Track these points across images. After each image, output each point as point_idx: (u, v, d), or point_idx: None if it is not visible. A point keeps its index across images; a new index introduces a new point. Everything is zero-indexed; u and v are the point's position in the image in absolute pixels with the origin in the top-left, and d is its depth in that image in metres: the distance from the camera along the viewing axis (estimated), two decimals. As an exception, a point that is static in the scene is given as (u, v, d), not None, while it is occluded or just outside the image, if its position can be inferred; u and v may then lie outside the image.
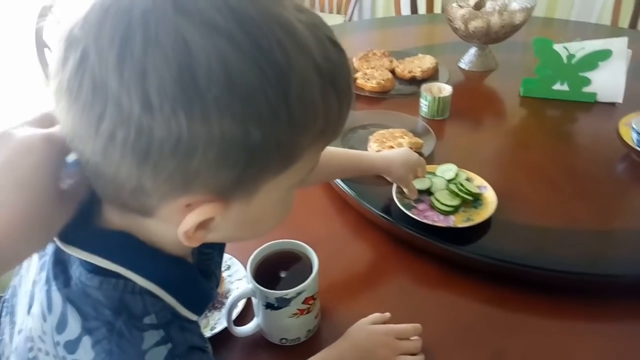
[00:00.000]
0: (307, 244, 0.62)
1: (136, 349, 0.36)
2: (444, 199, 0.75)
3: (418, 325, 0.61)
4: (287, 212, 0.43)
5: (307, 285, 0.57)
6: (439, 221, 0.73)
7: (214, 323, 0.64)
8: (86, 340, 0.36)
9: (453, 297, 0.68)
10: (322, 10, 2.80)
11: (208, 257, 0.49)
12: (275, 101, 0.31)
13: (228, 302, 0.59)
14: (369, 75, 1.14)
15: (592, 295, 0.67)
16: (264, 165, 0.33)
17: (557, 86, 1.07)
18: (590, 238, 0.74)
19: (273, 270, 0.61)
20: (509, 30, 1.13)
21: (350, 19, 2.62)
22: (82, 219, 0.38)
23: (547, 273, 0.67)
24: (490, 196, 0.76)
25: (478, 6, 1.20)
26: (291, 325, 0.60)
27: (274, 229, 0.44)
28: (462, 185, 0.76)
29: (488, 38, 1.15)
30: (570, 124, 1.05)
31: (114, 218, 0.38)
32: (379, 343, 0.60)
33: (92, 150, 0.31)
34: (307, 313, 0.60)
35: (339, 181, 0.83)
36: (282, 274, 0.61)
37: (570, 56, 1.03)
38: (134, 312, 0.37)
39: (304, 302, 0.59)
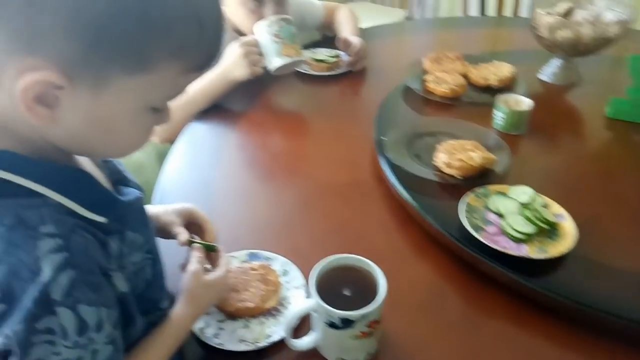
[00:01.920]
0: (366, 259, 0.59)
1: (31, 256, 0.39)
2: (517, 224, 0.70)
3: None
4: (143, 137, 0.47)
5: (375, 309, 0.55)
6: (510, 248, 0.69)
7: (270, 331, 0.63)
8: None
9: (525, 335, 0.63)
10: (383, 3, 2.73)
11: (111, 164, 0.55)
12: None
13: (290, 316, 0.58)
14: (441, 79, 1.08)
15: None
16: (111, 54, 0.37)
17: (650, 110, 0.99)
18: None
19: (336, 286, 0.59)
20: (601, 43, 1.05)
21: (412, 13, 2.53)
22: None
23: (633, 325, 0.61)
24: (568, 227, 0.71)
25: (567, 14, 1.12)
26: (351, 347, 0.58)
27: (128, 152, 0.48)
28: (538, 211, 0.70)
29: (575, 50, 1.07)
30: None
31: None
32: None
33: None
34: (369, 336, 0.58)
35: (402, 191, 0.80)
36: (346, 291, 0.59)
37: (670, 78, 0.94)
38: (29, 223, 0.40)
39: (368, 325, 0.56)
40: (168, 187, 0.88)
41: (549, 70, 1.17)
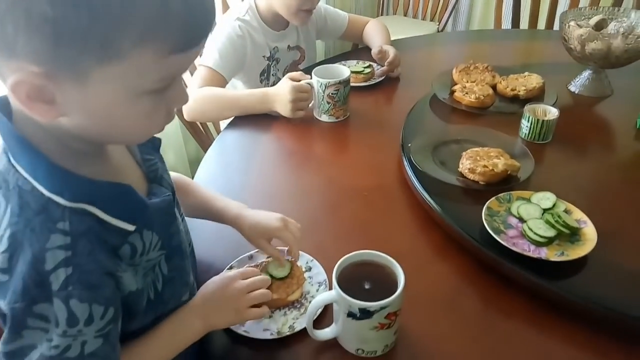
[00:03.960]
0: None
1: (40, 245, 0.43)
2: (538, 228, 0.71)
3: (267, 278, 0.66)
4: (151, 121, 0.48)
5: (393, 300, 0.57)
6: (530, 251, 0.70)
7: (293, 322, 0.66)
8: (6, 232, 0.44)
9: (542, 336, 0.64)
10: (415, 17, 2.76)
11: (151, 162, 0.59)
12: None
13: (311, 305, 0.61)
14: (468, 89, 1.10)
15: None
16: (76, 46, 0.38)
17: (681, 122, 0.98)
18: None
19: (357, 280, 0.62)
20: (633, 55, 1.04)
21: (443, 29, 2.55)
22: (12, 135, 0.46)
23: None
24: (590, 232, 0.71)
25: (599, 26, 1.12)
26: (370, 337, 0.61)
27: (144, 137, 0.52)
28: (559, 216, 0.71)
29: (606, 62, 1.07)
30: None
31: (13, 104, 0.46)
32: (228, 285, 0.63)
33: None
34: (387, 328, 0.60)
35: (425, 195, 0.82)
36: (366, 285, 0.61)
37: (701, 90, 0.93)
38: (52, 215, 0.44)
39: (386, 317, 0.58)
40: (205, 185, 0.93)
41: (579, 82, 1.17)
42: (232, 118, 1.15)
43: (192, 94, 1.10)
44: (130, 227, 0.49)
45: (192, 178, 0.95)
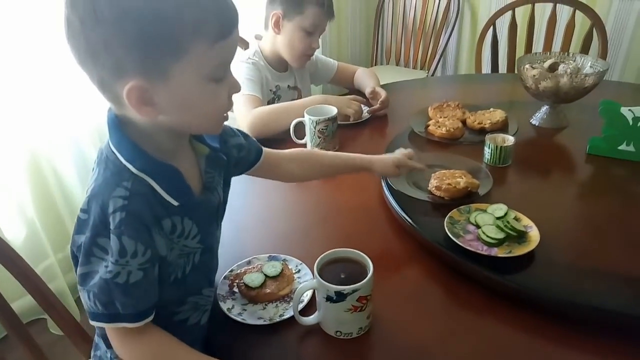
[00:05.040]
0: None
1: (108, 194, 0.59)
2: (490, 232, 0.84)
3: None
4: (219, 104, 0.63)
5: (362, 285, 0.70)
6: (482, 250, 0.83)
7: (283, 311, 0.78)
8: (92, 185, 0.62)
9: (492, 321, 0.76)
10: (407, 65, 2.98)
11: (211, 176, 0.73)
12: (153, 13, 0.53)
13: (297, 291, 0.73)
14: (440, 123, 1.26)
15: (631, 336, 0.72)
16: (157, 51, 0.55)
17: (623, 146, 1.12)
18: (629, 282, 0.79)
19: (335, 271, 0.74)
20: (579, 92, 1.21)
21: (433, 74, 2.77)
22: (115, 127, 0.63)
23: (579, 308, 0.74)
24: (534, 235, 0.84)
25: (552, 68, 1.29)
26: (345, 320, 0.73)
27: (213, 121, 0.66)
28: (508, 222, 0.85)
29: (557, 98, 1.24)
30: (632, 182, 1.09)
31: (120, 115, 0.63)
32: None
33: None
34: (360, 311, 0.72)
35: (398, 209, 0.96)
36: (342, 275, 0.74)
37: (636, 119, 1.08)
38: (121, 176, 0.61)
39: (357, 300, 0.71)
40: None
41: (539, 116, 1.33)
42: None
43: (248, 116, 1.32)
44: (175, 202, 0.64)
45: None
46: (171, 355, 0.66)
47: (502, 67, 2.34)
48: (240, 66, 1.43)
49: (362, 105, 1.47)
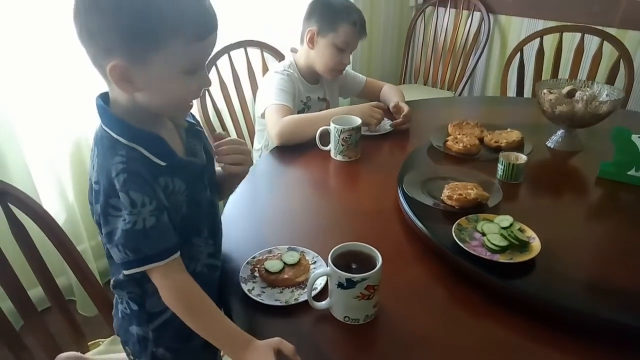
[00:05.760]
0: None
1: (108, 162, 0.72)
2: (494, 240, 0.90)
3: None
4: (189, 94, 0.77)
5: (370, 275, 0.78)
6: (486, 255, 0.89)
7: (298, 296, 0.86)
8: (96, 161, 0.75)
9: (490, 321, 0.82)
10: (434, 85, 3.05)
11: (192, 144, 0.85)
12: (136, 11, 0.66)
13: (312, 276, 0.82)
14: (458, 139, 1.34)
15: (622, 343, 0.77)
16: (143, 41, 0.67)
17: (632, 172, 1.17)
18: (625, 294, 0.84)
19: (347, 262, 0.82)
20: (593, 117, 1.26)
21: (460, 95, 2.83)
22: (104, 110, 0.76)
23: (573, 314, 0.80)
24: (536, 246, 0.90)
25: (570, 94, 1.35)
26: (354, 306, 0.80)
27: (181, 107, 0.80)
28: (512, 231, 0.91)
29: (572, 122, 1.29)
30: (639, 206, 1.14)
31: (110, 93, 0.77)
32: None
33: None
34: (367, 299, 0.79)
35: (411, 214, 1.03)
36: (354, 266, 0.82)
37: (646, 146, 1.13)
38: (116, 148, 0.73)
39: (366, 288, 0.78)
40: (237, 200, 1.17)
41: (555, 139, 1.38)
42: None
43: (277, 124, 1.42)
44: (162, 163, 0.75)
45: (226, 200, 1.19)
46: (198, 295, 0.77)
47: (528, 92, 2.39)
48: (275, 76, 1.54)
49: (385, 119, 1.55)
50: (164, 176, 0.76)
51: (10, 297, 1.05)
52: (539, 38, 2.15)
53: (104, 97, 0.78)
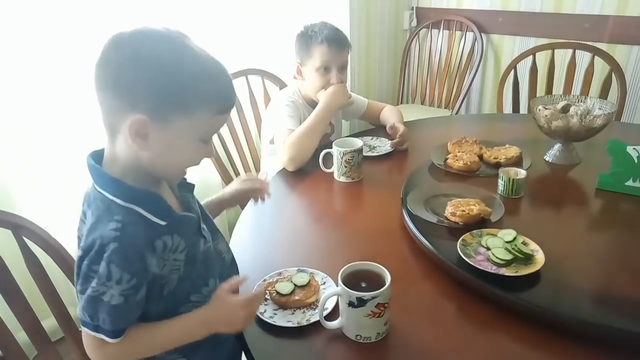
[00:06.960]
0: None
1: (103, 228, 0.69)
2: (499, 254, 0.93)
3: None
4: (195, 160, 0.77)
5: (380, 292, 0.79)
6: (491, 269, 0.91)
7: (310, 316, 0.88)
8: (89, 217, 0.72)
9: (498, 333, 0.84)
10: (431, 104, 3.11)
11: (186, 197, 0.85)
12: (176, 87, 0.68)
13: (323, 297, 0.83)
14: (458, 157, 1.37)
15: (628, 351, 0.78)
16: (170, 104, 0.68)
17: (630, 182, 1.19)
18: (629, 303, 0.86)
19: (356, 281, 0.84)
20: (588, 131, 1.30)
21: (457, 113, 2.88)
22: (96, 171, 0.73)
23: (579, 323, 0.81)
24: (540, 258, 0.92)
25: (565, 109, 1.39)
26: (365, 324, 0.82)
27: (183, 169, 0.79)
28: (516, 245, 0.93)
29: (568, 136, 1.33)
30: (638, 216, 1.16)
31: (107, 150, 0.75)
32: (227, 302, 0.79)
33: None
34: (378, 317, 0.81)
35: (416, 232, 1.05)
36: (363, 284, 0.84)
37: (641, 157, 1.16)
38: (112, 211, 0.70)
39: (376, 307, 0.80)
40: (245, 226, 1.19)
41: (552, 153, 1.42)
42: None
43: (284, 151, 1.45)
44: (162, 222, 0.73)
45: (233, 226, 1.21)
46: (135, 340, 0.74)
47: (523, 108, 2.44)
48: (281, 104, 1.58)
49: (386, 140, 1.59)
50: (162, 237, 0.73)
51: (24, 328, 1.06)
52: (531, 55, 2.20)
53: (95, 157, 0.75)
